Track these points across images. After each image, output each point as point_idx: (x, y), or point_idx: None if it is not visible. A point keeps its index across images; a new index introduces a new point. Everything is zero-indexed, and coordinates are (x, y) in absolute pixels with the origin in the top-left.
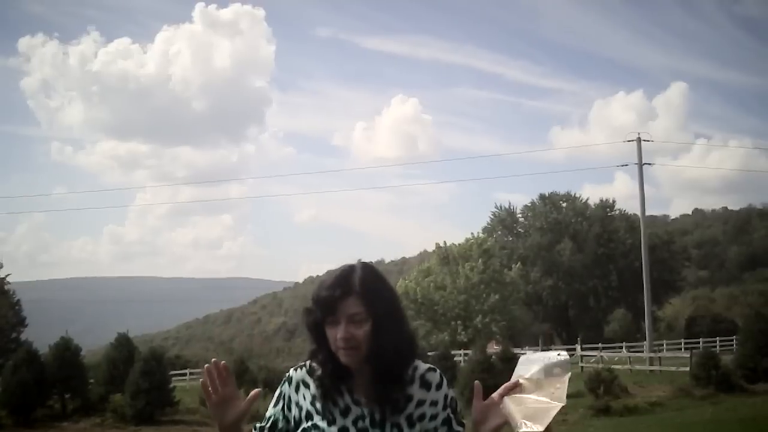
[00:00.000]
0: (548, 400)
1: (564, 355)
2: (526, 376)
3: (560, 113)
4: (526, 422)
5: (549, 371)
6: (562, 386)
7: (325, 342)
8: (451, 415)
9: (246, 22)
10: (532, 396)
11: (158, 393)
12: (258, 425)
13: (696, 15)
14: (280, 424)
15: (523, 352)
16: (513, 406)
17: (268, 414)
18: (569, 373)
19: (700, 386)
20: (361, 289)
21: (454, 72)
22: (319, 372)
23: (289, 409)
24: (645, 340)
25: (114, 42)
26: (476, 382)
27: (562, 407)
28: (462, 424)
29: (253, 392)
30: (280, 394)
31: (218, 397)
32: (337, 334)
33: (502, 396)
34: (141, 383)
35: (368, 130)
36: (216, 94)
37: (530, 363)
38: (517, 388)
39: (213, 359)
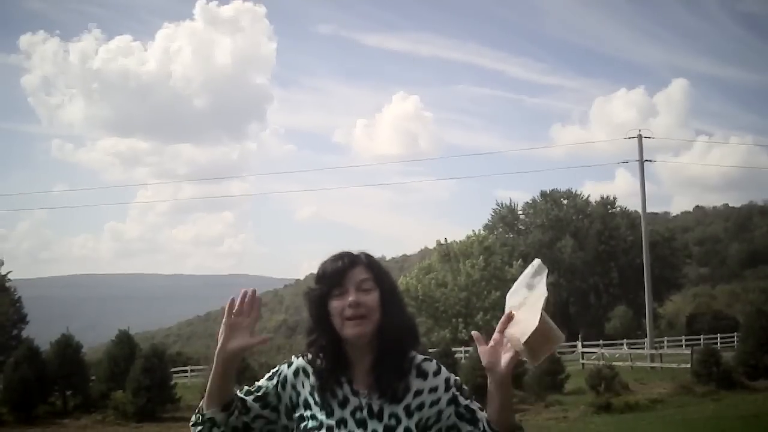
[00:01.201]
0: (533, 303)
1: (536, 261)
2: (515, 303)
3: (561, 110)
4: (525, 332)
5: (530, 285)
6: (541, 285)
7: (327, 324)
8: (456, 393)
9: (247, 19)
10: (522, 312)
11: (159, 390)
12: (245, 388)
13: (697, 12)
14: (270, 399)
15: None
16: (511, 330)
17: (259, 383)
18: (545, 272)
19: (701, 383)
20: (366, 260)
21: (455, 69)
22: (317, 363)
23: (284, 388)
24: (646, 337)
25: (115, 39)
26: (474, 332)
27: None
28: (470, 398)
29: (264, 335)
30: (277, 371)
31: (234, 321)
32: (346, 301)
33: (501, 333)
34: (142, 380)
35: (369, 128)
36: (217, 92)
37: (515, 293)
38: (511, 320)
39: (253, 288)
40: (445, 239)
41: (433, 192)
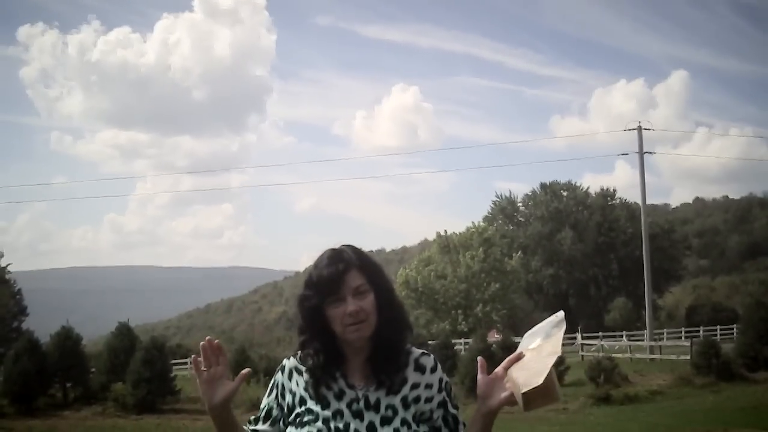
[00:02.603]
0: (545, 356)
1: (560, 313)
2: (530, 347)
3: (561, 102)
4: (528, 383)
5: (548, 334)
6: (556, 339)
7: (322, 329)
8: (446, 398)
9: (246, 10)
10: (533, 359)
11: (159, 382)
12: (252, 418)
13: (696, 3)
14: (275, 413)
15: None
16: (515, 373)
17: (262, 405)
18: (564, 326)
19: (700, 375)
20: (358, 261)
21: (454, 60)
22: (310, 362)
23: (283, 397)
24: (645, 328)
25: (114, 31)
26: (479, 357)
27: (558, 358)
28: (456, 407)
29: (242, 372)
30: (273, 383)
31: (209, 375)
32: (345, 310)
33: (506, 369)
34: (142, 372)
35: (368, 119)
36: (216, 83)
37: (533, 335)
38: (520, 360)
39: (207, 337)
40: (445, 231)
41: (432, 184)
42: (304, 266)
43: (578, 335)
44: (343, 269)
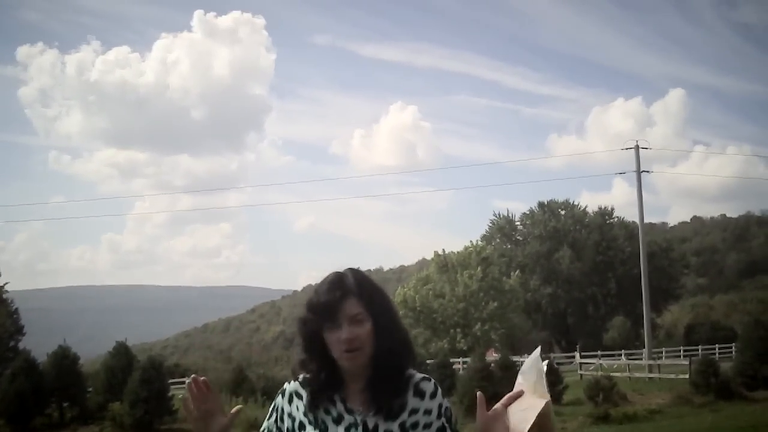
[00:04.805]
0: (534, 399)
1: (536, 352)
2: (527, 384)
3: (558, 120)
4: (518, 426)
5: (540, 372)
6: (540, 381)
7: (321, 351)
8: (446, 424)
9: (245, 30)
10: (525, 400)
11: (157, 402)
12: None
13: (694, 22)
14: None
15: (522, 360)
16: (512, 415)
17: (262, 427)
18: (545, 367)
19: (699, 394)
20: (358, 289)
21: (452, 79)
22: (310, 382)
23: (282, 420)
24: (644, 347)
25: (112, 50)
26: (479, 392)
27: (548, 402)
28: None
29: (234, 409)
30: (274, 406)
31: (200, 413)
32: (340, 337)
33: (505, 406)
34: (140, 392)
35: (366, 138)
36: (215, 103)
37: (528, 370)
38: (518, 397)
39: (193, 375)
40: (443, 250)
41: (431, 203)
42: (302, 285)
43: (577, 354)
44: (340, 296)
